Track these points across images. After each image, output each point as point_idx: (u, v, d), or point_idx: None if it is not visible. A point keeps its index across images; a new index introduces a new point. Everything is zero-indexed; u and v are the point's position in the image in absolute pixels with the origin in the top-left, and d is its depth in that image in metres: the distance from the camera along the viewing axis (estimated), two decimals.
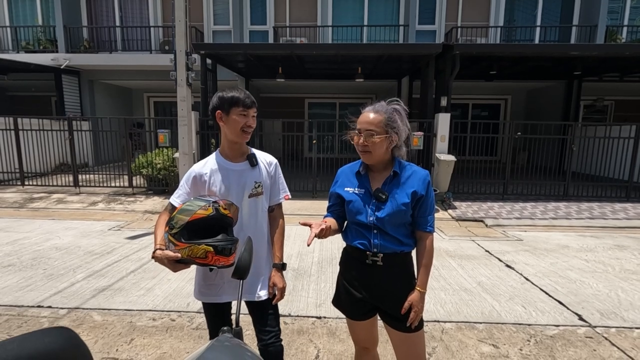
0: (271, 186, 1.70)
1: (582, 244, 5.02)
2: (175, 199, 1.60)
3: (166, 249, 1.36)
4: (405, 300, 1.45)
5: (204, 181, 1.60)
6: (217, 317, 1.65)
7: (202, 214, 1.32)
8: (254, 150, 1.71)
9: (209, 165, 1.63)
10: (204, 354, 0.77)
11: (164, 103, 13.78)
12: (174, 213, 1.37)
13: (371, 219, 1.45)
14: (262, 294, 1.64)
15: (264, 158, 1.72)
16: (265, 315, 1.64)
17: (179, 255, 1.32)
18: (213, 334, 1.67)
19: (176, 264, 1.35)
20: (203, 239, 1.32)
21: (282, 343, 1.66)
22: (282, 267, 1.66)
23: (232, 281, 1.52)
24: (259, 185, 1.63)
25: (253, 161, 1.64)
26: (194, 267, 1.44)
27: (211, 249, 1.30)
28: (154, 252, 1.38)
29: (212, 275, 1.58)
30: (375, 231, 1.46)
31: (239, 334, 1.01)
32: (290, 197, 1.75)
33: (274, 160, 1.74)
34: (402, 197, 1.45)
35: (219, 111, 1.58)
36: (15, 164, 7.95)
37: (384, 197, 1.45)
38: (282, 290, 1.65)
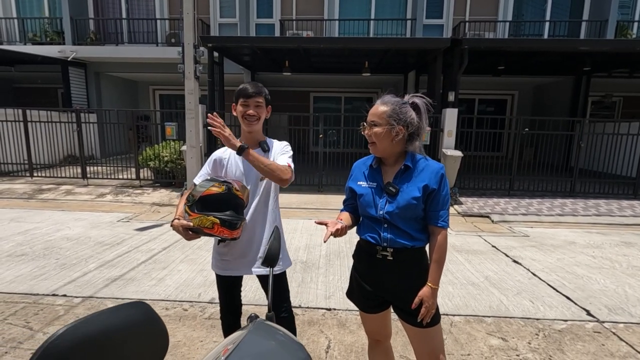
0: (277, 156, 1.78)
1: (589, 241, 5.02)
2: (197, 179, 1.76)
3: (183, 220, 1.54)
4: (416, 295, 1.44)
5: (222, 165, 1.79)
6: (227, 289, 1.84)
7: (215, 190, 1.50)
8: (271, 140, 1.85)
9: (229, 150, 1.80)
10: (247, 337, 0.80)
11: (169, 96, 13.79)
12: (193, 188, 1.56)
13: (381, 212, 1.46)
14: (274, 269, 1.79)
15: (278, 144, 1.86)
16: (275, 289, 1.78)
17: (191, 224, 1.49)
18: (223, 306, 1.87)
19: (189, 233, 1.53)
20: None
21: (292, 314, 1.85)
22: (242, 149, 1.56)
23: (240, 259, 1.74)
24: None
25: (264, 147, 1.79)
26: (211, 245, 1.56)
27: (218, 221, 1.48)
28: (172, 221, 1.57)
29: (224, 251, 1.76)
30: (385, 225, 1.46)
31: (271, 319, 1.05)
32: (292, 165, 1.72)
33: (286, 142, 1.88)
34: (412, 190, 1.43)
35: (233, 104, 1.77)
36: (24, 155, 8.03)
37: (394, 190, 1.45)
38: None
